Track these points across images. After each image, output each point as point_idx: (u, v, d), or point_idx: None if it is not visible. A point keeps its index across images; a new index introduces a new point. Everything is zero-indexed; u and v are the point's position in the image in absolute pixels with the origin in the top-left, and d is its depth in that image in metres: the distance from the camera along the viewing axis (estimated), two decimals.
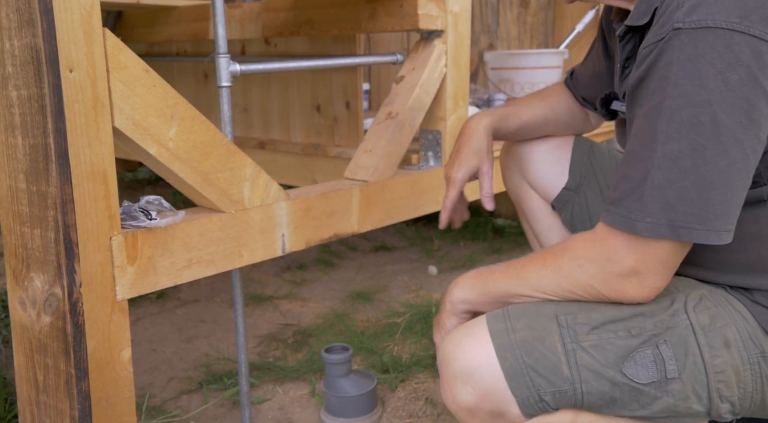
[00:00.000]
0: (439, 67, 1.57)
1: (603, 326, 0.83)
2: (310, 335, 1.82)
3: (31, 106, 0.85)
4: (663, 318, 0.83)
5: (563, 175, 1.26)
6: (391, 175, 1.51)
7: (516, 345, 0.82)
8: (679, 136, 0.74)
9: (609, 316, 0.83)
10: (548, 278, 0.86)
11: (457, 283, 0.97)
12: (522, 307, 0.87)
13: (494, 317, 0.86)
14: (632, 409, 0.83)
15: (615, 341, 0.82)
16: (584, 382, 0.81)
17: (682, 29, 0.74)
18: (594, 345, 0.82)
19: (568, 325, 0.83)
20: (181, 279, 1.09)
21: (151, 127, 1.01)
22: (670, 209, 0.75)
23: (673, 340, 0.82)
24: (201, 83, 2.16)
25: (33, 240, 0.91)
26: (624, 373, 0.81)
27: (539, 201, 1.30)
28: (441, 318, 0.99)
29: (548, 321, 0.84)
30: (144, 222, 1.02)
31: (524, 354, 0.82)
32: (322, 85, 1.83)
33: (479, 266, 0.98)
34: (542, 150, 1.27)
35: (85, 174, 0.91)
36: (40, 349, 0.93)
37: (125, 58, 0.96)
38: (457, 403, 0.85)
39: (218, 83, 1.20)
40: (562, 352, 0.82)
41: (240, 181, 1.16)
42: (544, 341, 0.82)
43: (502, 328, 0.84)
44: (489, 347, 0.83)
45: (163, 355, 1.74)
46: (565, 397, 0.82)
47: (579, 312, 0.84)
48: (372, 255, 2.53)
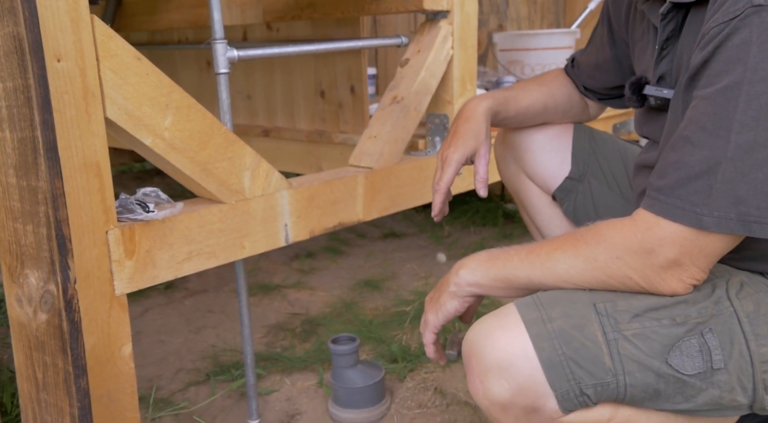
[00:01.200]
0: (446, 49, 1.52)
1: (645, 314, 0.78)
2: (318, 324, 1.80)
3: (17, 98, 0.83)
4: (706, 305, 0.79)
5: (564, 165, 1.21)
6: (397, 161, 1.47)
7: (554, 335, 0.77)
8: (756, 125, 0.68)
9: (651, 304, 0.78)
10: (580, 269, 0.80)
11: (466, 265, 0.91)
12: (553, 294, 0.82)
13: (526, 305, 0.80)
14: (676, 402, 0.79)
15: (659, 330, 0.77)
16: (628, 374, 0.77)
17: (763, 6, 0.68)
18: (637, 334, 0.77)
19: (607, 313, 0.78)
20: (182, 272, 1.07)
21: (145, 116, 0.98)
22: (741, 203, 0.70)
23: (719, 329, 0.78)
24: (204, 71, 2.13)
25: (26, 236, 0.88)
26: (670, 363, 0.76)
27: (538, 192, 1.26)
28: (441, 299, 0.93)
29: (585, 309, 0.79)
30: (141, 215, 0.99)
31: (563, 344, 0.77)
32: (325, 70, 1.79)
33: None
34: (540, 140, 1.22)
35: (77, 167, 0.89)
36: (38, 346, 0.92)
37: (115, 45, 0.93)
38: (489, 399, 0.80)
39: (216, 70, 1.17)
40: (603, 342, 0.77)
41: (240, 170, 1.13)
42: (584, 330, 0.77)
43: (537, 317, 0.79)
44: (525, 338, 0.77)
45: (171, 347, 1.72)
46: (607, 390, 0.77)
47: (617, 299, 0.79)
48: (381, 242, 2.51)
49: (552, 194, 1.24)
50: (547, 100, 1.21)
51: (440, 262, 2.23)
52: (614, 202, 1.20)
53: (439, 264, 2.22)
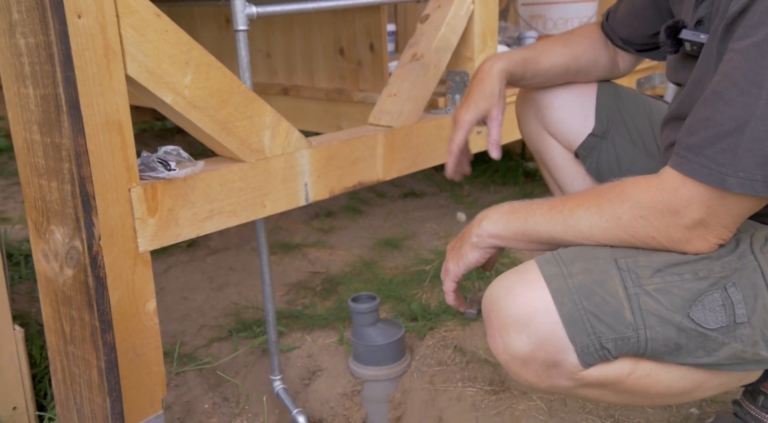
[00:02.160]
0: (466, 3, 1.49)
1: (667, 269, 0.78)
2: (338, 283, 1.82)
3: (39, 54, 0.83)
4: (730, 259, 0.78)
5: (587, 122, 1.19)
6: (417, 119, 1.46)
7: (574, 290, 0.77)
8: None
9: (672, 259, 0.78)
10: (603, 227, 0.80)
11: (488, 216, 0.91)
12: (574, 250, 0.82)
13: (546, 261, 0.81)
14: (697, 356, 0.79)
15: (681, 284, 0.77)
16: (649, 328, 0.77)
17: None
18: (658, 289, 0.77)
19: (629, 269, 0.78)
20: (203, 230, 1.08)
21: (166, 74, 0.97)
22: (766, 164, 0.68)
23: (742, 283, 0.78)
24: (223, 29, 2.11)
25: (51, 193, 0.89)
26: (692, 317, 0.76)
27: (560, 149, 1.25)
28: (463, 248, 0.93)
29: (606, 264, 0.78)
30: (163, 173, 1.00)
31: (583, 299, 0.77)
32: (344, 27, 1.76)
33: None
34: (563, 96, 1.20)
35: (99, 125, 0.89)
36: (65, 301, 0.94)
37: (135, 1, 0.92)
38: (510, 353, 0.81)
39: (234, 27, 1.16)
40: (624, 297, 0.77)
41: (260, 129, 1.13)
42: (604, 285, 0.77)
43: (557, 273, 0.79)
44: (545, 293, 0.78)
45: (194, 304, 1.76)
46: (627, 345, 0.78)
47: (639, 255, 0.79)
48: (400, 201, 2.51)
49: (575, 152, 1.23)
50: (569, 63, 1.18)
51: (460, 221, 2.23)
52: (638, 159, 1.19)
53: (459, 223, 2.22)
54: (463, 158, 1.17)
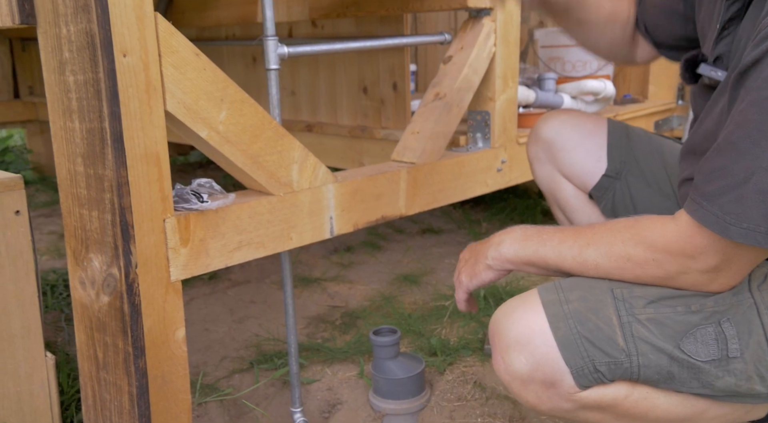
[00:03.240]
0: (488, 46, 1.54)
1: (660, 301, 0.81)
2: (357, 317, 1.83)
3: (87, 90, 0.87)
4: (725, 296, 0.80)
5: (600, 163, 1.21)
6: (439, 157, 1.50)
7: (569, 315, 0.82)
8: None
9: (666, 292, 0.81)
10: (611, 266, 0.84)
11: (504, 240, 0.95)
12: (574, 279, 0.86)
13: (546, 289, 0.86)
14: (692, 387, 0.81)
15: (673, 316, 0.80)
16: (641, 355, 0.80)
17: None
18: (651, 319, 0.80)
19: (623, 298, 0.82)
20: (232, 261, 1.11)
21: (202, 110, 1.02)
22: None
23: (737, 319, 0.80)
24: (250, 67, 2.18)
25: (91, 222, 0.93)
26: (682, 349, 0.79)
27: (574, 191, 1.27)
28: (477, 267, 0.98)
29: (602, 293, 0.82)
30: (196, 204, 1.04)
31: (577, 324, 0.81)
32: (369, 67, 1.82)
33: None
34: (575, 137, 1.23)
35: (139, 157, 0.93)
36: (99, 327, 0.96)
37: (176, 42, 0.97)
38: (510, 373, 0.85)
39: (266, 66, 1.21)
40: (617, 324, 0.80)
41: (288, 163, 1.16)
42: (599, 313, 0.81)
43: (555, 299, 0.84)
44: (542, 317, 0.82)
45: (216, 335, 1.78)
46: (620, 369, 0.81)
47: (635, 286, 0.82)
48: (419, 238, 2.53)
49: (589, 193, 1.25)
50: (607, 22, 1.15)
51: None
52: (653, 198, 1.21)
53: None
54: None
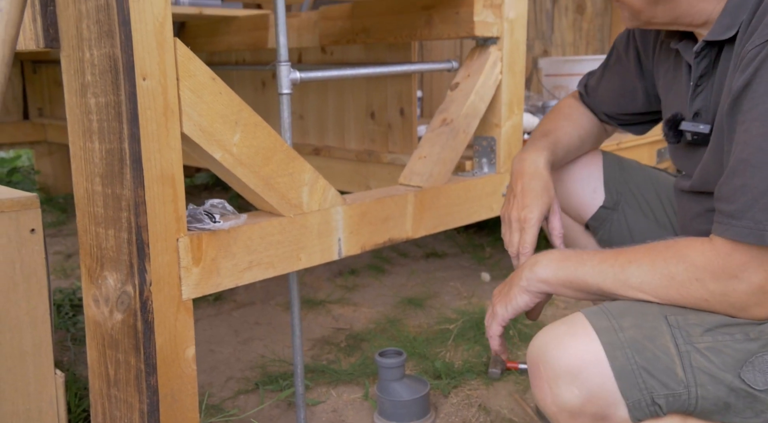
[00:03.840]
0: (495, 73, 1.57)
1: (718, 329, 0.79)
2: (362, 340, 1.84)
3: (108, 112, 0.90)
4: None
5: (597, 194, 1.23)
6: (446, 181, 1.52)
7: (626, 344, 0.78)
8: None
9: (722, 319, 0.80)
10: (655, 285, 0.81)
11: (539, 261, 0.92)
12: (622, 304, 0.83)
13: (595, 314, 0.82)
14: (745, 416, 0.79)
15: (732, 344, 0.78)
16: (700, 386, 0.78)
17: None
18: (710, 347, 0.78)
19: (679, 326, 0.79)
20: (242, 281, 1.12)
21: (217, 132, 1.04)
22: None
23: None
24: (259, 91, 2.22)
25: (107, 240, 0.95)
26: (742, 378, 0.77)
27: (570, 222, 1.28)
28: (512, 292, 0.94)
29: (656, 320, 0.80)
30: (209, 224, 1.06)
31: (635, 353, 0.78)
32: (376, 93, 1.85)
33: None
34: (570, 170, 1.24)
35: (155, 178, 0.95)
36: (112, 344, 0.98)
37: (194, 66, 1.00)
38: (558, 405, 0.81)
39: (279, 90, 1.24)
40: (675, 354, 0.78)
41: (299, 185, 1.19)
42: (655, 341, 0.79)
43: (608, 326, 0.80)
44: (597, 345, 0.78)
45: (221, 356, 1.78)
46: (678, 401, 0.78)
47: (689, 313, 0.80)
48: (423, 261, 2.54)
49: (585, 223, 1.26)
50: (581, 134, 1.22)
51: (484, 281, 2.26)
52: (650, 228, 1.22)
53: (483, 283, 2.25)
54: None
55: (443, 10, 1.52)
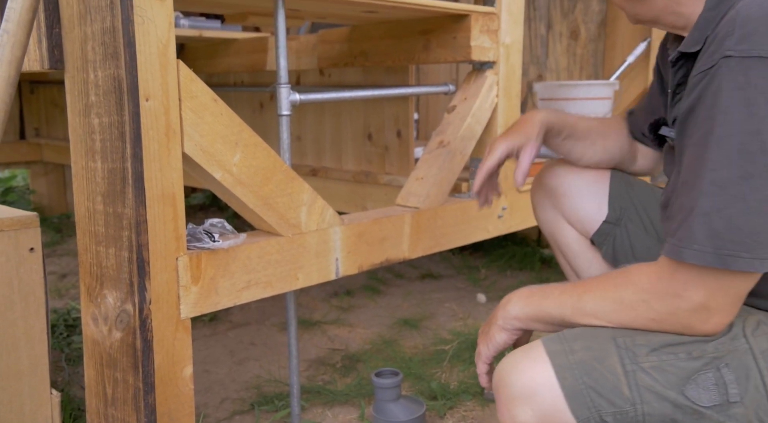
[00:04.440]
0: (491, 97, 1.60)
1: (662, 348, 0.83)
2: (358, 360, 1.84)
3: (111, 132, 0.91)
4: (723, 341, 0.83)
5: (601, 209, 1.25)
6: (442, 202, 1.53)
7: (575, 365, 0.83)
8: (728, 163, 0.75)
9: (668, 339, 0.83)
10: (607, 310, 0.86)
11: (510, 300, 0.97)
12: (577, 329, 0.88)
13: (550, 340, 0.87)
14: None
15: (676, 363, 0.82)
16: (645, 403, 0.81)
17: (732, 57, 0.75)
18: (654, 366, 0.82)
19: (626, 347, 0.83)
20: (240, 300, 1.13)
21: (218, 153, 1.06)
22: (716, 237, 0.75)
23: (734, 364, 0.82)
24: (257, 112, 2.24)
25: (107, 258, 0.96)
26: (686, 395, 0.81)
27: (577, 236, 1.30)
28: (490, 331, 0.99)
29: (606, 342, 0.84)
30: (208, 243, 1.06)
31: (584, 374, 0.82)
32: (374, 114, 1.87)
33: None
34: (578, 184, 1.27)
35: (156, 197, 0.96)
36: (110, 363, 0.98)
37: (196, 87, 1.01)
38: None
39: (279, 112, 1.25)
40: (621, 373, 0.82)
41: (298, 205, 1.20)
42: (604, 362, 0.83)
43: (560, 349, 0.85)
44: (548, 368, 0.83)
45: (216, 376, 1.78)
46: (626, 418, 0.82)
47: (636, 335, 0.84)
48: (418, 283, 2.55)
49: (590, 238, 1.28)
50: (600, 134, 1.25)
51: (480, 303, 2.26)
52: (652, 245, 1.24)
53: (479, 304, 2.25)
54: (491, 182, 1.25)
55: (441, 34, 1.55)
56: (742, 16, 0.76)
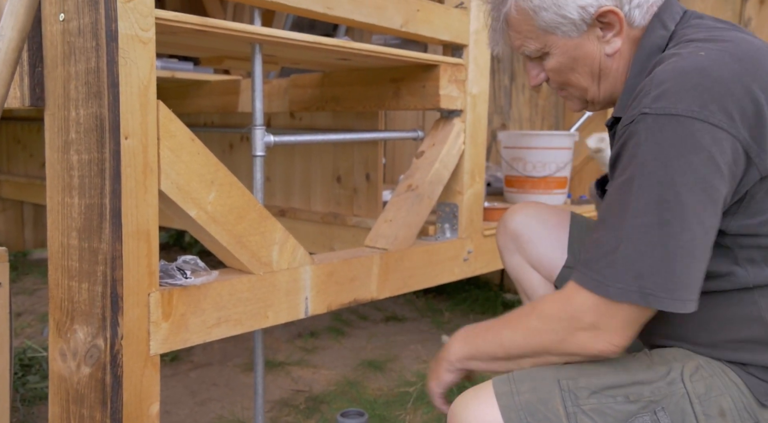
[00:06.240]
0: (458, 144, 1.66)
1: (602, 391, 0.87)
2: (321, 402, 1.83)
3: (90, 169, 0.93)
4: (660, 386, 0.88)
5: (563, 254, 1.30)
6: (410, 244, 1.57)
7: (520, 407, 0.87)
8: (647, 211, 0.81)
9: (608, 382, 0.88)
10: (519, 340, 0.92)
11: (452, 343, 1.03)
12: (526, 371, 0.93)
13: (500, 381, 0.91)
14: None
15: (614, 406, 0.86)
16: None
17: (648, 114, 0.82)
18: (594, 409, 0.86)
19: (569, 389, 0.88)
20: (210, 337, 1.13)
21: (193, 191, 1.08)
22: (639, 278, 0.81)
23: (671, 408, 0.86)
24: (226, 152, 2.26)
25: (80, 293, 0.96)
26: None
27: (541, 281, 1.34)
28: (439, 371, 1.04)
29: (550, 384, 0.89)
30: (180, 280, 1.07)
31: (528, 416, 0.87)
32: (343, 157, 1.92)
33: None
34: (540, 231, 1.32)
35: (131, 233, 0.98)
36: (76, 399, 0.97)
37: (174, 127, 1.04)
38: None
39: (253, 152, 1.28)
40: (563, 415, 0.86)
41: (270, 244, 1.22)
42: (547, 404, 0.87)
43: (507, 391, 0.89)
44: (495, 409, 0.88)
45: (177, 418, 1.75)
46: None
47: (579, 376, 0.89)
48: (383, 325, 2.56)
49: (554, 283, 1.33)
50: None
51: (444, 343, 2.28)
52: None
53: (442, 346, 2.27)
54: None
55: (410, 83, 1.61)
56: (658, 77, 0.84)
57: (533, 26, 0.97)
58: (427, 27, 1.53)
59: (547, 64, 1.01)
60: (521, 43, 1.01)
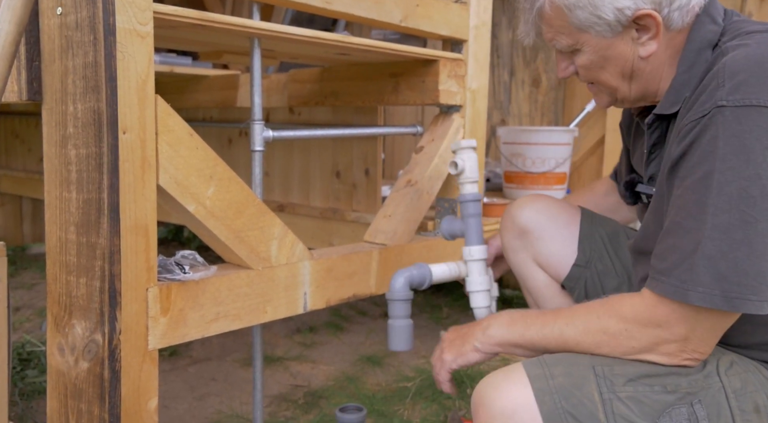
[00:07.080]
0: (458, 139, 1.65)
1: (639, 380, 0.86)
2: (320, 397, 1.83)
3: (88, 163, 0.92)
4: (697, 378, 0.87)
5: (572, 252, 1.29)
6: (409, 240, 1.57)
7: (555, 390, 0.86)
8: (729, 208, 0.78)
9: (644, 371, 0.87)
10: (589, 341, 0.90)
11: (491, 324, 1.00)
12: (558, 355, 0.91)
13: (531, 363, 0.90)
14: None
15: (651, 395, 0.85)
16: None
17: (726, 106, 0.80)
18: (630, 397, 0.85)
19: (604, 375, 0.87)
20: (209, 332, 1.13)
21: (192, 186, 1.08)
22: (723, 280, 0.78)
23: (707, 401, 0.86)
24: (225, 148, 2.26)
25: (78, 288, 0.96)
26: None
27: (547, 280, 1.33)
28: (464, 347, 1.02)
29: (585, 370, 0.87)
30: (179, 275, 1.07)
31: (562, 399, 0.85)
32: (342, 153, 1.91)
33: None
34: (551, 228, 1.30)
35: (129, 228, 0.97)
36: (75, 394, 0.97)
37: (173, 122, 1.04)
38: None
39: (252, 147, 1.28)
40: (599, 401, 0.85)
41: (269, 239, 1.22)
42: (582, 388, 0.86)
43: (541, 374, 0.88)
44: (528, 391, 0.86)
45: (176, 412, 1.75)
46: None
47: (615, 364, 0.88)
48: (381, 320, 2.56)
49: (562, 283, 1.31)
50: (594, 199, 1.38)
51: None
52: (621, 288, 1.27)
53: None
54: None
55: (410, 78, 1.61)
56: (730, 67, 0.82)
57: (566, 23, 0.95)
58: (427, 22, 1.53)
59: (578, 60, 0.99)
60: (552, 37, 0.99)
